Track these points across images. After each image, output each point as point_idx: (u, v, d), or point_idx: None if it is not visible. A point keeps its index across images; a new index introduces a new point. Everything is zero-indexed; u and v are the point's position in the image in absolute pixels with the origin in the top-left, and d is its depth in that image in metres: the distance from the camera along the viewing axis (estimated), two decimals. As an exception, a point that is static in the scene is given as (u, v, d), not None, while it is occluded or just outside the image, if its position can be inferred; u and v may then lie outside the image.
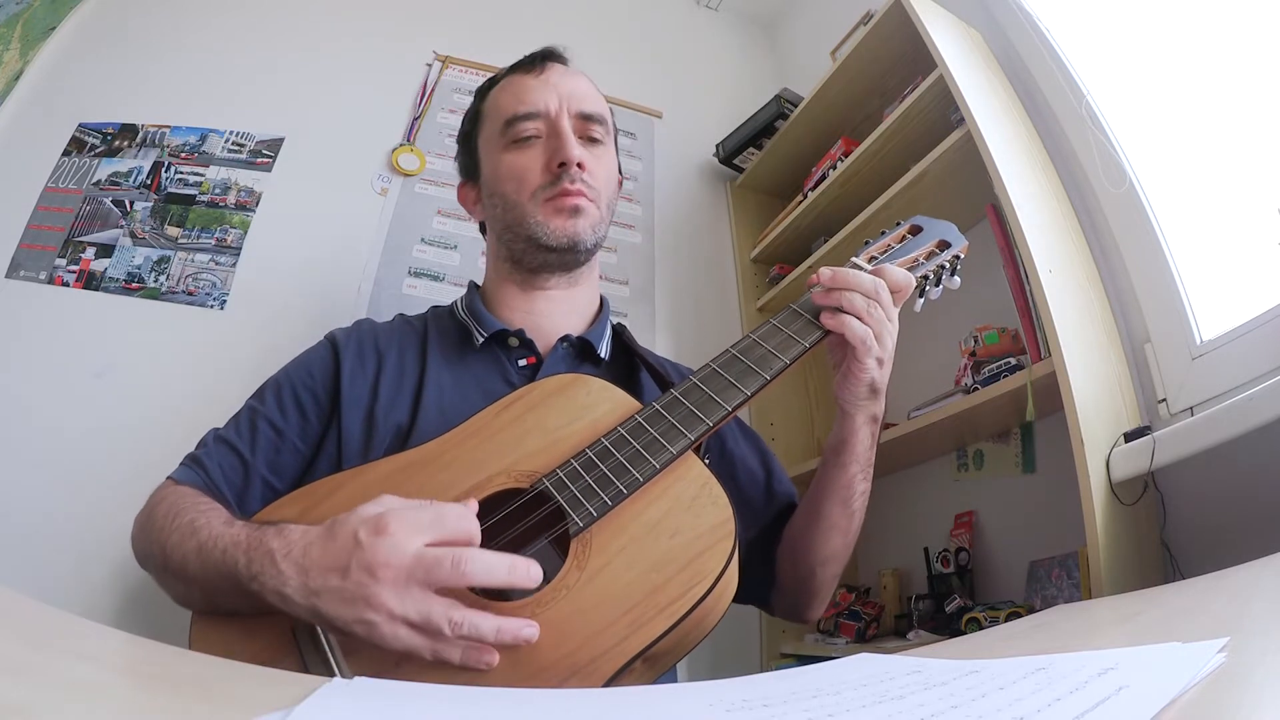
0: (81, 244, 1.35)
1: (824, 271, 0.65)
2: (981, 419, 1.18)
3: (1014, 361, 1.07)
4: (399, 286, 1.47)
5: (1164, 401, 0.98)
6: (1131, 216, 1.08)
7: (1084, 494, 0.85)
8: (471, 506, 0.49)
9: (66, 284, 1.32)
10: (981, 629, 0.99)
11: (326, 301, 1.39)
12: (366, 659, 0.46)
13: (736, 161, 1.88)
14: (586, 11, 2.00)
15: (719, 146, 1.88)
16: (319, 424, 0.72)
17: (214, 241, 1.41)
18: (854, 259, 0.71)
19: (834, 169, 1.52)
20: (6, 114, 1.38)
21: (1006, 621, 0.96)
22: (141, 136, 1.46)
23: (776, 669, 0.52)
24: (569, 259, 0.78)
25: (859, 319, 0.62)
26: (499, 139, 0.79)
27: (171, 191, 1.43)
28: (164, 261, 1.38)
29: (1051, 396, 0.91)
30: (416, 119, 1.64)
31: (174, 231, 1.40)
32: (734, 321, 1.76)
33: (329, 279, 1.43)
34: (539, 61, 0.83)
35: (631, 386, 0.75)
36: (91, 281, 1.33)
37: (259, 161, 1.49)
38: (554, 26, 1.92)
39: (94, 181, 1.40)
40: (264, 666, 0.47)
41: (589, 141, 0.80)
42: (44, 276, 1.31)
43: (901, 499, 1.41)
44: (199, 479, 0.66)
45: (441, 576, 0.44)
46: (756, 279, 1.80)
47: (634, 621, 0.47)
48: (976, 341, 1.16)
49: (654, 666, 0.52)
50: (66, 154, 1.41)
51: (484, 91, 0.86)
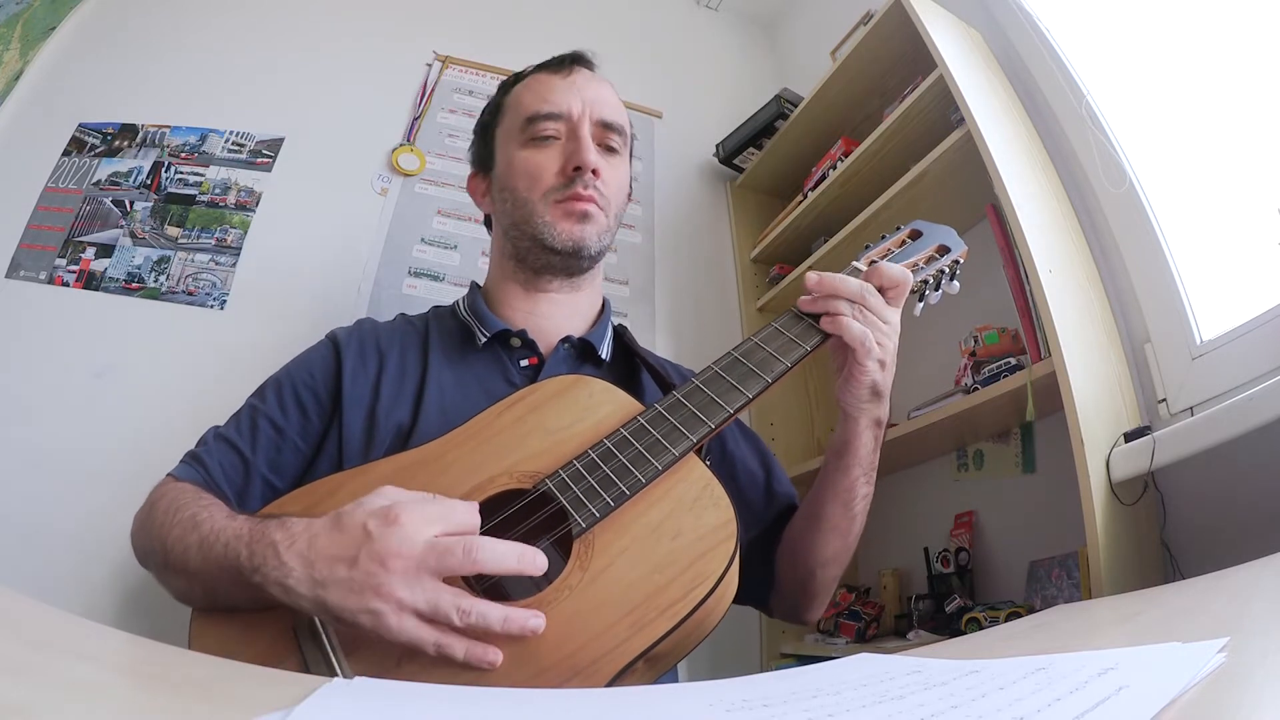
0: (81, 244, 1.35)
1: (810, 276, 0.65)
2: (981, 419, 1.18)
3: (1014, 361, 1.07)
4: (399, 286, 1.47)
5: (1164, 401, 0.98)
6: (1131, 216, 1.08)
7: (1084, 494, 0.85)
8: (474, 505, 0.50)
9: (66, 284, 1.32)
10: (981, 629, 0.99)
11: (326, 301, 1.39)
12: (368, 657, 0.46)
13: (736, 161, 1.89)
14: (587, 11, 2.00)
15: (719, 146, 1.88)
16: (320, 423, 0.72)
17: (214, 241, 1.41)
18: (854, 263, 0.71)
19: (834, 169, 1.52)
20: (6, 114, 1.38)
21: (1006, 621, 0.96)
22: (141, 136, 1.46)
23: (776, 669, 0.52)
24: (572, 264, 0.78)
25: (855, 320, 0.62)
26: (518, 134, 0.79)
27: (171, 191, 1.43)
28: (164, 261, 1.38)
29: (1051, 396, 0.91)
30: (416, 119, 1.64)
31: (174, 231, 1.40)
32: (734, 321, 1.76)
33: (329, 279, 1.43)
34: (568, 64, 0.83)
35: (632, 387, 0.75)
36: (91, 281, 1.33)
37: (259, 161, 1.49)
38: (554, 27, 1.92)
39: (94, 181, 1.40)
40: (264, 665, 0.47)
41: (606, 150, 0.80)
42: (44, 276, 1.31)
43: (901, 499, 1.41)
44: (199, 476, 0.66)
45: (453, 564, 0.44)
46: (756, 279, 1.80)
47: (636, 622, 0.48)
48: (976, 341, 1.16)
49: (655, 667, 0.52)
50: (66, 154, 1.41)
51: (508, 85, 0.86)
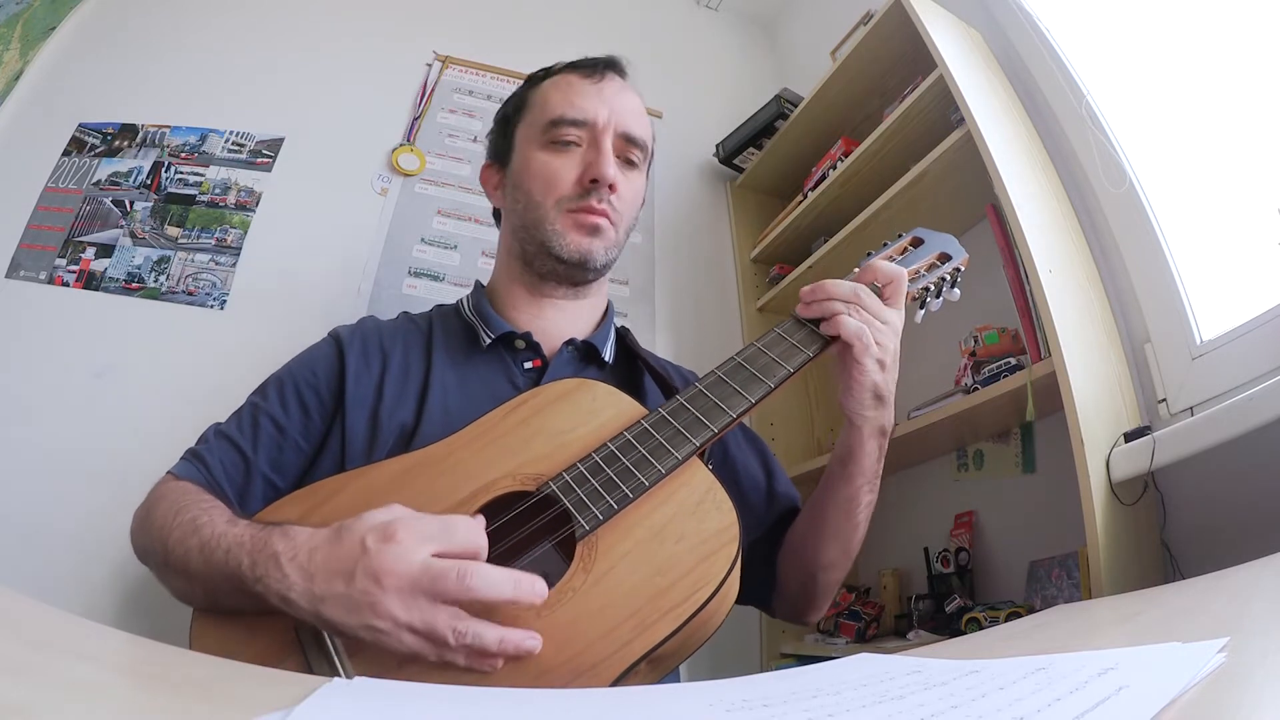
0: (81, 244, 1.35)
1: (804, 290, 0.66)
2: (981, 419, 1.18)
3: (1014, 361, 1.07)
4: (399, 286, 1.47)
5: (1164, 401, 0.98)
6: (1131, 216, 1.08)
7: (1084, 494, 0.85)
8: (479, 521, 0.49)
9: (66, 284, 1.32)
10: (981, 629, 0.99)
11: (326, 301, 1.39)
12: (371, 659, 0.46)
13: (736, 161, 1.88)
14: (586, 11, 2.00)
15: (719, 146, 1.88)
16: (322, 422, 0.71)
17: (214, 241, 1.41)
18: (855, 270, 0.71)
19: (834, 169, 1.52)
20: (6, 114, 1.38)
21: (1006, 621, 0.96)
22: (141, 136, 1.46)
23: (776, 669, 0.52)
24: (577, 274, 0.78)
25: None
26: (539, 135, 0.78)
27: (171, 191, 1.43)
28: (164, 261, 1.38)
29: (1051, 396, 0.91)
30: (416, 119, 1.64)
31: (174, 231, 1.40)
32: (734, 321, 1.76)
33: (329, 279, 1.43)
34: (600, 69, 0.81)
35: (634, 389, 0.75)
36: (91, 281, 1.33)
37: (259, 161, 1.49)
38: (554, 27, 1.92)
39: (94, 181, 1.40)
40: (266, 665, 0.47)
41: (625, 164, 0.79)
42: (44, 276, 1.31)
43: (901, 499, 1.41)
44: (200, 475, 0.66)
45: (447, 589, 0.44)
46: (756, 279, 1.80)
47: (639, 625, 0.48)
48: (976, 341, 1.16)
49: (658, 668, 0.52)
50: (66, 154, 1.41)
51: (536, 79, 0.84)
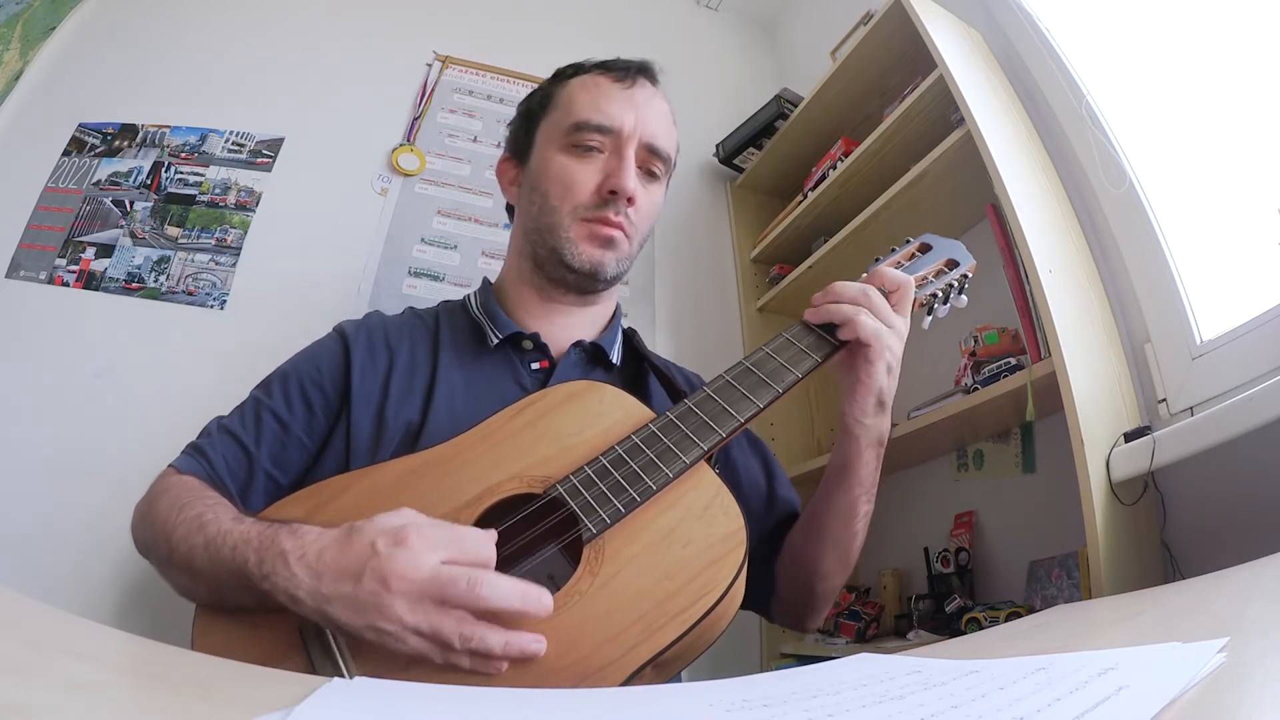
0: (81, 244, 1.35)
1: (817, 295, 0.66)
2: (981, 419, 1.18)
3: (1014, 361, 1.07)
4: (399, 286, 1.47)
5: (1164, 401, 0.98)
6: (1131, 216, 1.08)
7: (1084, 494, 0.85)
8: (491, 534, 0.49)
9: (66, 284, 1.32)
10: (981, 629, 0.99)
11: (326, 301, 1.39)
12: (375, 659, 0.46)
13: (736, 161, 1.88)
14: (586, 11, 2.00)
15: (719, 146, 1.88)
16: (325, 419, 0.70)
17: (214, 241, 1.41)
18: (864, 275, 0.70)
19: (834, 169, 1.52)
20: (6, 114, 1.38)
21: (1006, 621, 0.96)
22: (141, 136, 1.46)
23: (776, 669, 0.52)
24: (587, 284, 0.77)
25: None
26: (561, 136, 0.76)
27: (171, 191, 1.43)
28: (164, 261, 1.38)
29: (1051, 396, 0.91)
30: (416, 119, 1.64)
31: (174, 231, 1.40)
32: (734, 321, 1.76)
33: (329, 279, 1.43)
34: (632, 74, 0.79)
35: (640, 391, 0.75)
36: (91, 281, 1.33)
37: (259, 161, 1.49)
38: (554, 27, 1.92)
39: (94, 181, 1.40)
40: (269, 663, 0.47)
41: (646, 175, 0.77)
42: (44, 276, 1.31)
43: (901, 499, 1.41)
44: (202, 469, 0.65)
45: (455, 595, 0.44)
46: (756, 279, 1.80)
47: (645, 629, 0.48)
48: (976, 341, 1.16)
49: (663, 672, 0.52)
50: (66, 154, 1.41)
51: (564, 76, 0.82)
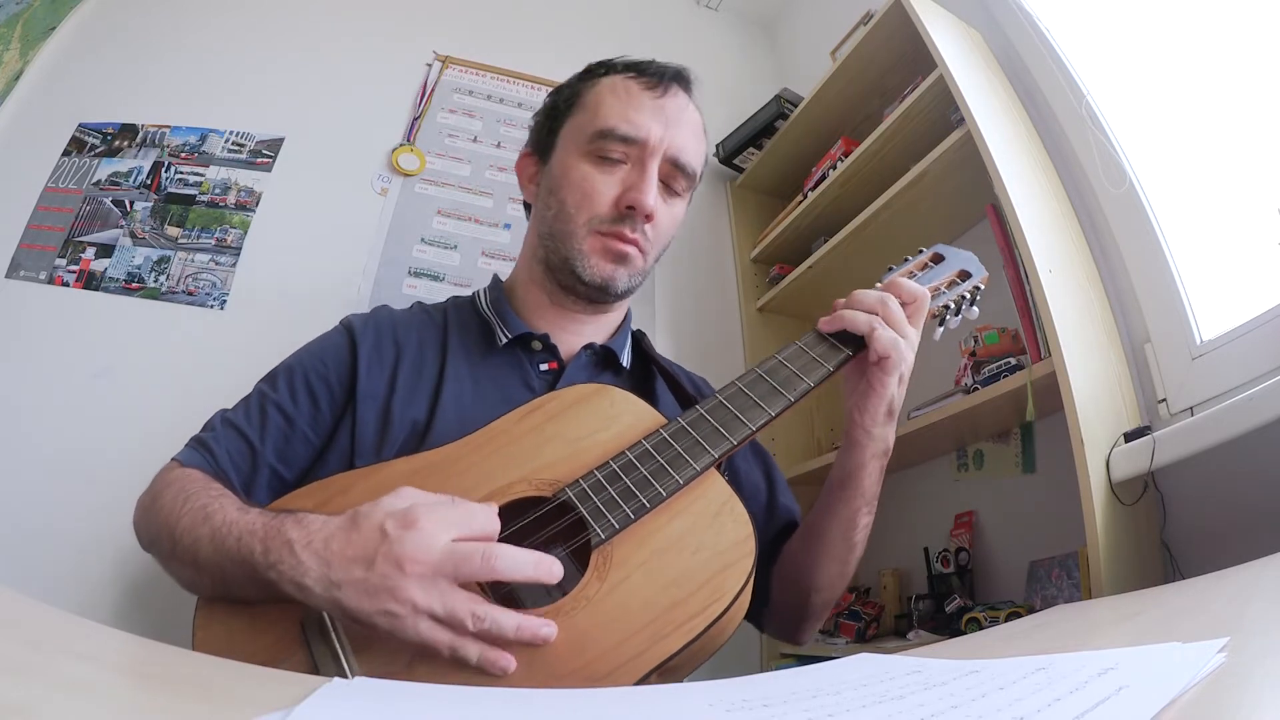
0: (81, 244, 1.35)
1: (838, 303, 0.66)
2: (981, 419, 1.18)
3: (1014, 361, 1.07)
4: (399, 286, 1.47)
5: (1164, 401, 0.98)
6: (1131, 216, 1.08)
7: (1084, 494, 0.85)
8: (493, 508, 0.49)
9: (66, 284, 1.32)
10: (981, 629, 0.99)
11: (326, 302, 1.39)
12: (378, 656, 0.46)
13: (736, 161, 1.89)
14: (586, 11, 2.00)
15: (719, 146, 1.88)
16: (331, 415, 0.70)
17: (214, 241, 1.41)
18: (877, 285, 0.70)
19: (834, 169, 1.52)
20: (6, 114, 1.38)
21: (1006, 621, 0.96)
22: (141, 136, 1.46)
23: (776, 669, 0.52)
24: (596, 296, 0.76)
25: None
26: (584, 142, 0.74)
27: (171, 191, 1.43)
28: (164, 261, 1.38)
29: (1051, 396, 0.91)
30: (416, 119, 1.64)
31: (174, 231, 1.40)
32: (734, 321, 1.76)
33: (329, 279, 1.43)
34: (665, 81, 0.76)
35: (647, 394, 0.74)
36: (91, 281, 1.33)
37: (259, 161, 1.49)
38: (554, 27, 1.92)
39: (94, 181, 1.40)
40: (271, 659, 0.47)
41: (668, 191, 0.76)
42: (44, 276, 1.31)
43: (901, 499, 1.41)
44: (205, 463, 0.64)
45: (471, 570, 0.44)
46: (756, 279, 1.80)
47: (653, 635, 0.48)
48: (976, 341, 1.16)
49: (667, 678, 0.52)
50: (66, 154, 1.41)
51: (594, 74, 0.79)
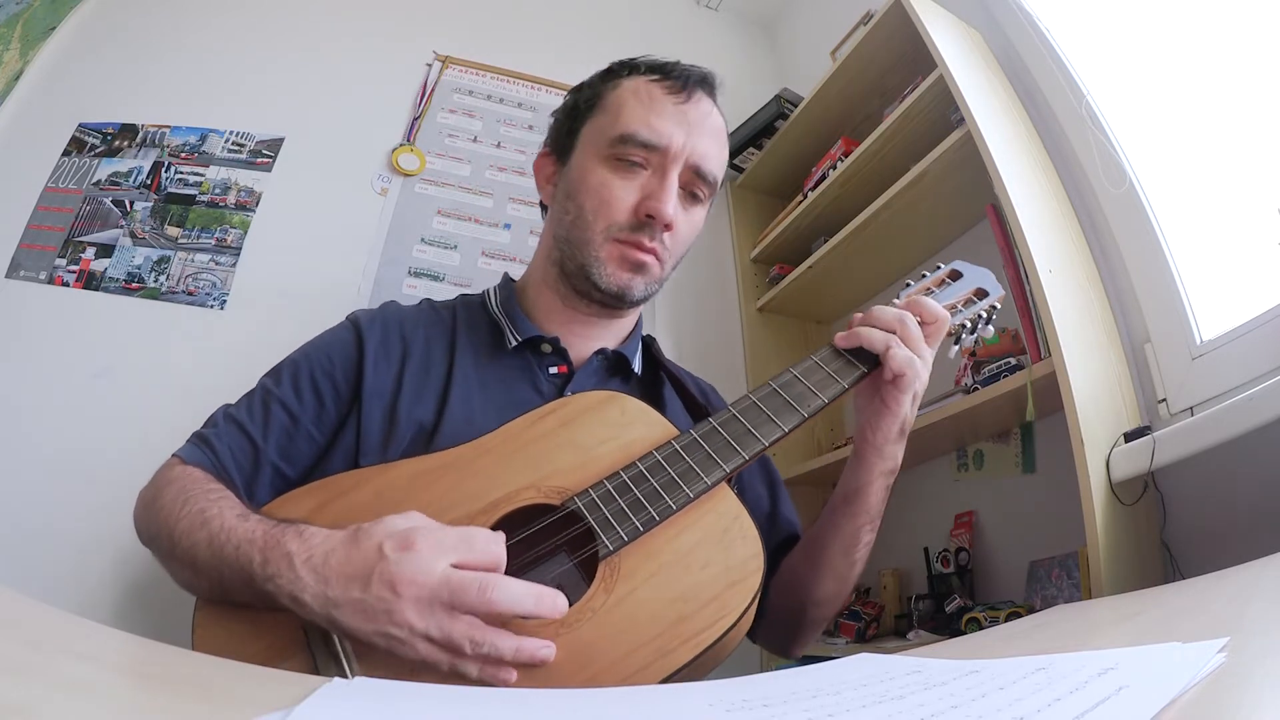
0: (81, 244, 1.35)
1: (856, 318, 0.65)
2: (981, 419, 1.18)
3: (1014, 361, 1.07)
4: (399, 286, 1.47)
5: (1164, 401, 0.98)
6: (1131, 216, 1.08)
7: (1084, 494, 0.85)
8: (499, 536, 0.48)
9: (66, 284, 1.32)
10: (981, 629, 0.99)
11: (326, 302, 1.39)
12: (381, 663, 0.46)
13: (736, 161, 1.88)
14: (586, 12, 2.00)
15: (719, 146, 1.88)
16: (336, 412, 0.69)
17: (214, 241, 1.41)
18: (894, 301, 0.70)
19: (834, 169, 1.52)
20: (6, 114, 1.38)
21: (1006, 621, 0.96)
22: (141, 136, 1.46)
23: (776, 669, 0.52)
24: (611, 303, 0.75)
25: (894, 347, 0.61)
26: (604, 146, 0.72)
27: (171, 191, 1.43)
28: (164, 261, 1.38)
29: (1051, 396, 0.91)
30: (416, 119, 1.64)
31: (174, 231, 1.40)
32: (734, 321, 1.76)
33: (329, 279, 1.43)
34: (690, 85, 0.74)
35: (655, 400, 0.74)
36: (91, 281, 1.33)
37: (259, 161, 1.49)
38: (554, 27, 1.92)
39: (94, 181, 1.40)
40: (271, 661, 0.47)
41: (689, 197, 0.75)
42: (44, 276, 1.31)
43: (901, 499, 1.41)
44: (207, 460, 0.64)
45: (468, 601, 0.43)
46: (756, 279, 1.80)
47: (659, 650, 0.47)
48: (977, 341, 1.15)
49: None
50: (66, 154, 1.41)
51: (616, 74, 0.77)
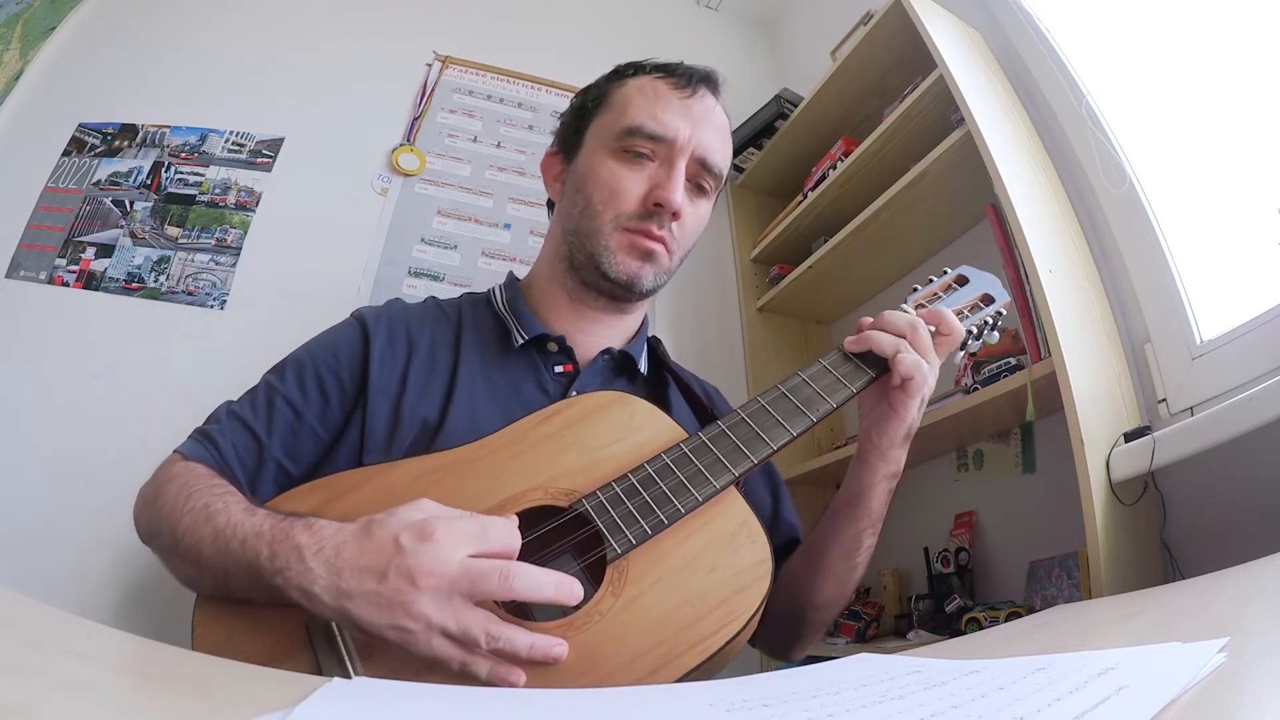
0: (81, 244, 1.35)
1: (864, 320, 0.65)
2: (981, 419, 1.18)
3: (1014, 361, 1.07)
4: (399, 286, 1.47)
5: (1164, 401, 0.98)
6: (1131, 216, 1.08)
7: (1084, 494, 0.85)
8: (513, 522, 0.48)
9: (66, 284, 1.32)
10: (981, 629, 0.99)
11: (326, 302, 1.39)
12: (385, 663, 0.45)
13: (736, 161, 1.88)
14: (586, 12, 2.00)
15: (719, 146, 1.88)
16: (341, 410, 0.68)
17: (214, 241, 1.41)
18: (902, 305, 0.70)
19: (834, 169, 1.52)
20: (6, 114, 1.38)
21: (1006, 621, 0.96)
22: (141, 136, 1.46)
23: (776, 669, 0.52)
24: (621, 294, 0.75)
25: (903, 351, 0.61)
26: (612, 139, 0.74)
27: (171, 191, 1.43)
28: (164, 261, 1.38)
29: (1051, 396, 0.91)
30: (416, 119, 1.64)
31: (174, 231, 1.40)
32: (734, 321, 1.76)
33: (329, 279, 1.43)
34: (695, 82, 0.76)
35: (661, 401, 0.74)
36: (91, 281, 1.33)
37: (259, 161, 1.49)
38: (554, 27, 1.92)
39: (94, 181, 1.40)
40: (273, 659, 0.47)
41: (695, 190, 0.76)
42: (44, 276, 1.31)
43: (901, 499, 1.39)
44: (210, 457, 0.63)
45: (489, 589, 0.43)
46: (756, 279, 1.80)
47: (666, 654, 0.47)
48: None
49: None
50: (66, 154, 1.41)
51: (622, 75, 0.79)
